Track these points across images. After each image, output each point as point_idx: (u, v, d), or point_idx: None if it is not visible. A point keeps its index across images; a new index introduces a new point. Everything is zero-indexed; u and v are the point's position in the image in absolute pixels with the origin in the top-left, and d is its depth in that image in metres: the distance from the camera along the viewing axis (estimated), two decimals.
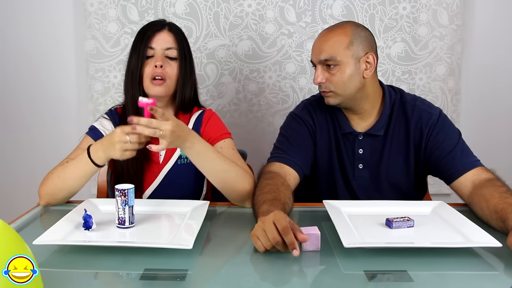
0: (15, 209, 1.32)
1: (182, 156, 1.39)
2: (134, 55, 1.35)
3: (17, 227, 1.15)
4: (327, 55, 1.30)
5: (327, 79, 1.31)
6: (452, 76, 2.09)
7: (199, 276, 0.91)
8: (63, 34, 2.07)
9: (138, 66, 1.33)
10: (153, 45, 1.33)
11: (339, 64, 1.29)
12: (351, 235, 1.02)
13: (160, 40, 1.34)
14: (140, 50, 1.33)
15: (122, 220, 1.08)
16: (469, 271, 0.93)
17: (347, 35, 1.30)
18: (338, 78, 1.30)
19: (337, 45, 1.29)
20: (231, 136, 1.42)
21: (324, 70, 1.32)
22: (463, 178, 1.28)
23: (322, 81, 1.32)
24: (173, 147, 1.24)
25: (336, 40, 1.30)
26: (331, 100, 1.34)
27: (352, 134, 1.39)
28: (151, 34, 1.34)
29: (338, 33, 1.31)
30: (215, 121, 1.43)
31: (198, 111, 1.44)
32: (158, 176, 1.37)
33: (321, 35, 1.35)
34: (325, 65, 1.31)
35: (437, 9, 2.04)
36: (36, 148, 2.15)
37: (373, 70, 1.33)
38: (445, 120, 1.37)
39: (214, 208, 1.30)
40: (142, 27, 1.38)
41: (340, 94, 1.32)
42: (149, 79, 1.33)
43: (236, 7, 2.01)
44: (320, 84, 1.33)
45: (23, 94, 2.12)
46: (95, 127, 1.38)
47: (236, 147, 1.41)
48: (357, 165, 1.40)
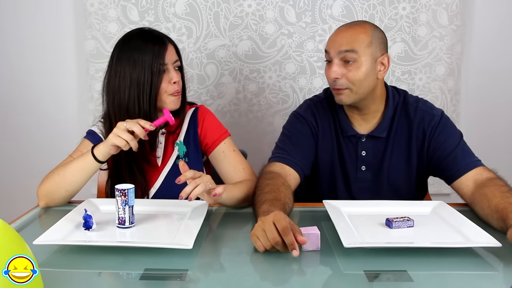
0: (15, 209, 1.32)
1: (181, 155, 1.39)
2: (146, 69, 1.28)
3: (17, 227, 1.15)
4: (348, 46, 1.27)
5: (343, 75, 1.28)
6: (452, 76, 2.09)
7: (199, 276, 0.91)
8: (63, 34, 2.07)
9: (153, 82, 1.28)
10: (166, 61, 1.30)
11: (358, 60, 1.27)
12: (351, 235, 1.02)
13: (169, 55, 1.31)
14: (153, 66, 1.28)
15: (122, 220, 1.08)
16: (469, 271, 0.93)
17: (368, 35, 1.28)
18: (355, 75, 1.27)
19: (360, 41, 1.27)
20: (229, 133, 1.43)
21: (341, 66, 1.28)
22: (465, 178, 1.28)
23: (338, 76, 1.28)
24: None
25: (358, 36, 1.28)
26: (345, 98, 1.31)
27: (355, 137, 1.39)
28: (162, 50, 1.30)
29: (359, 31, 1.29)
30: (211, 120, 1.43)
31: (191, 108, 1.44)
32: (158, 178, 1.38)
33: (341, 29, 1.32)
34: (342, 60, 1.28)
35: (437, 9, 2.04)
36: (37, 148, 2.15)
37: (386, 72, 1.33)
38: (447, 121, 1.38)
39: (214, 208, 1.30)
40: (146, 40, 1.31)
41: (355, 92, 1.29)
42: (169, 94, 1.32)
43: (236, 7, 2.01)
44: (335, 81, 1.29)
45: (23, 94, 2.12)
46: (93, 131, 1.39)
47: (235, 145, 1.42)
48: (359, 167, 1.40)
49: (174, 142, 1.40)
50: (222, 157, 1.40)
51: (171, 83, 1.31)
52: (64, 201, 1.31)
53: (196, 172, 1.10)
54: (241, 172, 1.38)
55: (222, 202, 1.23)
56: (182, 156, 1.39)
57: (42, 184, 1.28)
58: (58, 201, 1.30)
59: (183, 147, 1.39)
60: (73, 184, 1.27)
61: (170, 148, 1.40)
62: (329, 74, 1.30)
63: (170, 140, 1.40)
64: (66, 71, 2.10)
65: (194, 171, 1.10)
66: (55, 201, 1.29)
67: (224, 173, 1.40)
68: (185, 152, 1.39)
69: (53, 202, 1.30)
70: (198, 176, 1.09)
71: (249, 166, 1.41)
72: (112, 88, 1.31)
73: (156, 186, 1.37)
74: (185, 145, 1.40)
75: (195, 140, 1.41)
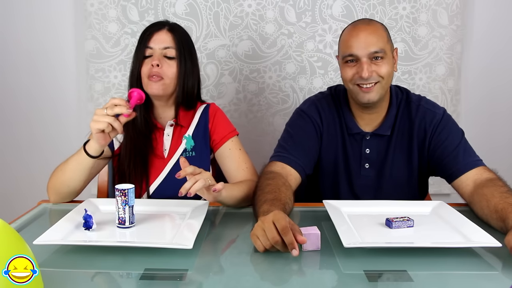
0: (15, 209, 1.32)
1: (188, 149, 1.40)
2: (134, 55, 1.38)
3: (17, 227, 1.15)
4: (377, 47, 1.28)
5: (375, 71, 1.29)
6: (452, 76, 2.09)
7: (199, 276, 0.91)
8: (63, 34, 2.07)
9: (137, 66, 1.36)
10: (151, 44, 1.35)
11: (385, 57, 1.30)
12: (351, 235, 1.02)
13: (158, 40, 1.35)
14: (139, 50, 1.36)
15: (122, 220, 1.08)
16: (469, 271, 0.93)
17: (383, 30, 1.33)
18: (385, 69, 1.29)
19: (382, 38, 1.30)
20: (237, 132, 1.45)
21: (371, 64, 1.29)
22: (465, 177, 1.28)
23: (371, 74, 1.29)
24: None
25: (380, 33, 1.31)
26: (374, 95, 1.31)
27: (360, 134, 1.39)
28: (149, 34, 1.36)
29: (377, 28, 1.32)
30: (222, 118, 1.47)
31: (202, 105, 1.47)
32: (163, 170, 1.38)
33: (360, 28, 1.31)
34: (370, 58, 1.29)
35: (437, 9, 2.04)
36: (36, 148, 2.15)
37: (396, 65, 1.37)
38: (449, 119, 1.38)
39: (214, 208, 1.30)
40: (145, 28, 1.40)
41: (383, 86, 1.32)
42: (147, 77, 1.34)
43: (236, 7, 2.01)
44: (367, 78, 1.28)
45: (23, 94, 2.12)
46: None
47: (242, 145, 1.45)
48: (363, 164, 1.40)
49: (182, 135, 1.41)
50: (227, 154, 1.41)
51: (153, 66, 1.33)
52: (70, 198, 1.31)
53: (196, 168, 1.11)
54: (244, 171, 1.39)
55: (222, 200, 1.23)
56: (190, 150, 1.40)
57: (49, 180, 1.30)
58: (64, 197, 1.31)
59: (191, 141, 1.40)
60: (73, 181, 1.28)
61: (178, 141, 1.41)
62: (363, 72, 1.27)
63: (178, 133, 1.42)
64: (66, 71, 2.10)
65: (194, 167, 1.11)
66: (61, 196, 1.30)
67: (227, 170, 1.41)
68: (193, 146, 1.41)
69: (60, 197, 1.31)
70: (198, 172, 1.10)
71: (253, 166, 1.42)
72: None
73: (161, 178, 1.38)
74: (193, 139, 1.41)
75: (205, 135, 1.43)
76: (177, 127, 1.42)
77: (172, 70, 1.35)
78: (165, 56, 1.35)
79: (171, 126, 1.42)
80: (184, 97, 1.39)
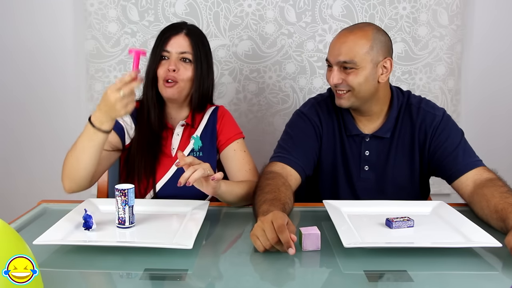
0: (15, 209, 1.32)
1: (195, 149, 1.41)
2: (151, 56, 1.39)
3: (17, 227, 1.15)
4: (346, 57, 1.28)
5: (344, 79, 1.30)
6: (452, 76, 2.09)
7: (199, 276, 0.91)
8: (63, 34, 2.07)
9: (152, 67, 1.37)
10: (168, 48, 1.36)
11: (356, 68, 1.28)
12: (351, 235, 1.02)
13: (176, 44, 1.36)
14: (156, 52, 1.37)
15: (122, 220, 1.08)
16: (469, 271, 0.93)
17: (368, 39, 1.28)
18: (354, 80, 1.29)
19: (357, 49, 1.27)
20: (243, 135, 1.47)
21: (341, 72, 1.30)
22: (465, 178, 1.28)
23: (338, 81, 1.30)
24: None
25: (357, 43, 1.27)
26: (344, 102, 1.33)
27: (359, 136, 1.39)
28: (167, 37, 1.37)
29: (359, 36, 1.28)
30: (229, 120, 1.48)
31: (212, 107, 1.48)
32: (170, 168, 1.39)
33: (341, 35, 1.32)
34: (342, 67, 1.30)
35: (437, 9, 2.04)
36: (36, 148, 2.15)
37: (388, 75, 1.33)
38: (449, 120, 1.38)
39: (214, 208, 1.30)
40: (163, 29, 1.41)
41: (355, 95, 1.31)
42: (162, 80, 1.36)
43: (236, 7, 2.01)
44: (336, 85, 1.32)
45: (22, 94, 2.12)
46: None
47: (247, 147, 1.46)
48: (362, 166, 1.40)
49: (191, 135, 1.42)
50: (232, 155, 1.42)
51: (169, 70, 1.34)
52: (87, 182, 1.26)
53: (195, 158, 1.12)
54: (246, 172, 1.40)
55: (221, 194, 1.22)
56: (197, 150, 1.42)
57: (62, 170, 1.25)
58: (80, 183, 1.25)
59: (199, 142, 1.42)
60: (87, 162, 1.22)
61: (187, 140, 1.43)
62: (331, 79, 1.32)
63: (187, 133, 1.43)
64: (65, 71, 2.10)
65: (194, 157, 1.13)
66: (77, 184, 1.25)
67: (230, 170, 1.42)
68: (200, 147, 1.42)
69: (76, 185, 1.26)
70: (197, 163, 1.11)
71: (256, 169, 1.42)
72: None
73: (168, 176, 1.39)
74: (201, 140, 1.42)
75: (212, 136, 1.44)
76: (187, 127, 1.44)
77: (188, 73, 1.37)
78: (181, 59, 1.36)
79: (182, 126, 1.43)
80: (199, 99, 1.41)
